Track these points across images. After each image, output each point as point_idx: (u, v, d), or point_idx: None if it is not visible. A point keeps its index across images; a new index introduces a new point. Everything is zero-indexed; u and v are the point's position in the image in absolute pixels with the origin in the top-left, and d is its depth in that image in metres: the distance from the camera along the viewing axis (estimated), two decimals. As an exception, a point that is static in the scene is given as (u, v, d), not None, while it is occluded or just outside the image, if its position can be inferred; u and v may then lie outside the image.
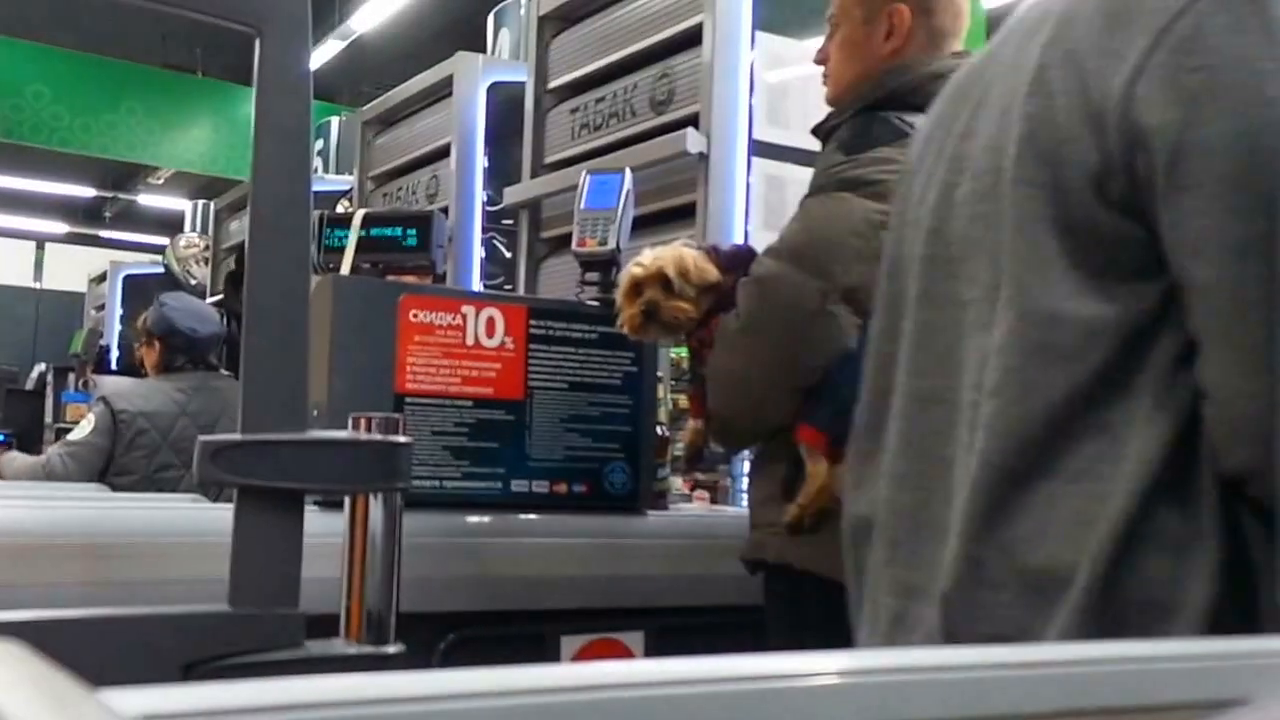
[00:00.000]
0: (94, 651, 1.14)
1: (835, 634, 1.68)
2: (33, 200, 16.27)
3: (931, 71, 1.86)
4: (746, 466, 2.85)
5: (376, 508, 1.27)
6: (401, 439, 1.27)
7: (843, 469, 1.61)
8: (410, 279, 2.23)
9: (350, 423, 1.27)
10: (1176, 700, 0.58)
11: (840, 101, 1.98)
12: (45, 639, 0.59)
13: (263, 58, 1.18)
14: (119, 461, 3.71)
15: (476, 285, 3.88)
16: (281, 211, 1.20)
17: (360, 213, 2.20)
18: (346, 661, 1.24)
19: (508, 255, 3.85)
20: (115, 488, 3.62)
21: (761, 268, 1.86)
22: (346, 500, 1.27)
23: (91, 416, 3.77)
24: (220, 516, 1.20)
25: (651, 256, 1.89)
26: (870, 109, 1.88)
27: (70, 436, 3.82)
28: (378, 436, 1.26)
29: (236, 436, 1.18)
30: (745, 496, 2.85)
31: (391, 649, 1.28)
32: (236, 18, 1.19)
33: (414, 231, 2.17)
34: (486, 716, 0.46)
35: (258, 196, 1.19)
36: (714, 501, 2.96)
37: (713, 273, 1.88)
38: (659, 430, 2.43)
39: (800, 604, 1.89)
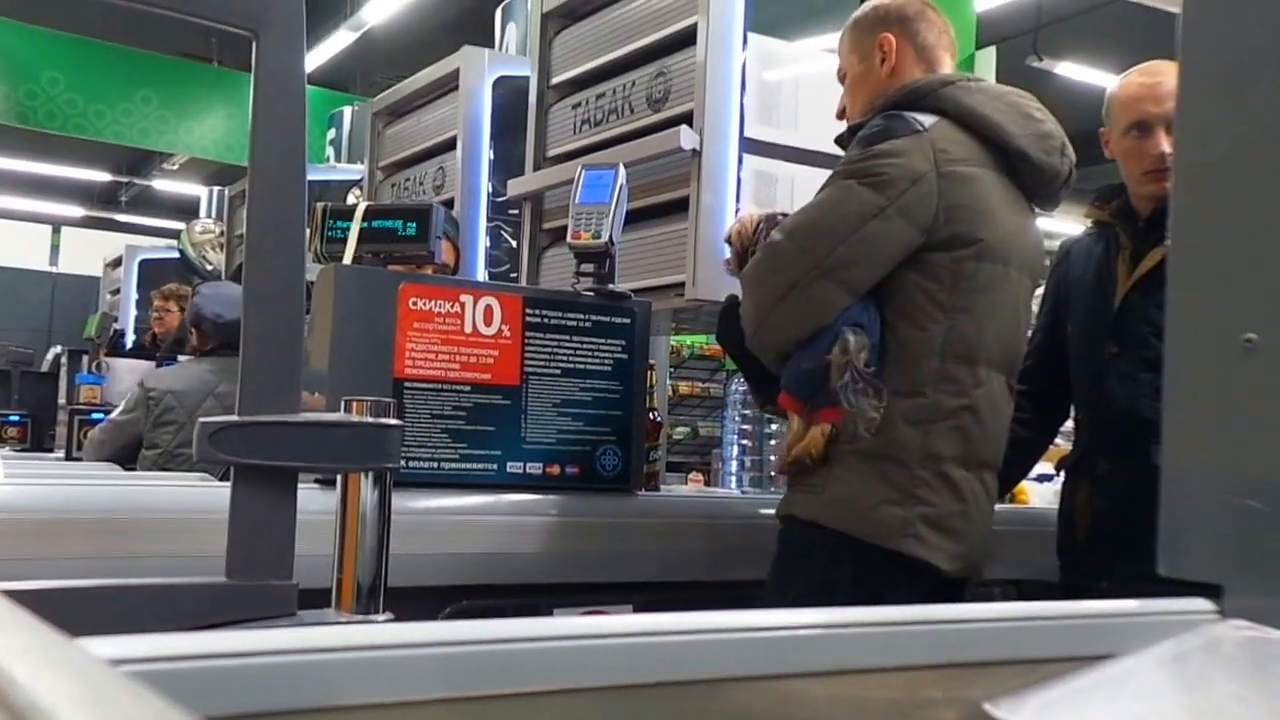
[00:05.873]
0: (96, 619, 1.20)
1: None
2: (49, 184, 16.23)
3: (942, 79, 2.10)
4: (736, 451, 2.94)
5: (367, 486, 1.33)
6: (391, 421, 1.33)
7: (819, 426, 1.98)
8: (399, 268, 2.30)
9: (342, 405, 1.33)
10: (1053, 654, 0.64)
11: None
12: (51, 607, 0.63)
13: (259, 59, 1.21)
14: (148, 436, 3.95)
15: (481, 274, 3.93)
16: (278, 206, 1.24)
17: (362, 205, 2.27)
18: (335, 630, 1.30)
19: (513, 245, 3.90)
20: (143, 460, 3.83)
21: (772, 237, 2.07)
22: (338, 479, 1.34)
23: (129, 396, 4.07)
24: (223, 495, 1.25)
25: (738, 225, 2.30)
26: (888, 109, 2.07)
27: (112, 415, 4.14)
28: (368, 419, 1.32)
29: (234, 418, 1.23)
30: (734, 480, 2.92)
31: (380, 618, 1.34)
32: (234, 21, 1.22)
33: (413, 223, 2.24)
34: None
35: (255, 191, 1.23)
36: (707, 484, 3.04)
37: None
38: (652, 415, 2.50)
39: (808, 555, 2.03)
